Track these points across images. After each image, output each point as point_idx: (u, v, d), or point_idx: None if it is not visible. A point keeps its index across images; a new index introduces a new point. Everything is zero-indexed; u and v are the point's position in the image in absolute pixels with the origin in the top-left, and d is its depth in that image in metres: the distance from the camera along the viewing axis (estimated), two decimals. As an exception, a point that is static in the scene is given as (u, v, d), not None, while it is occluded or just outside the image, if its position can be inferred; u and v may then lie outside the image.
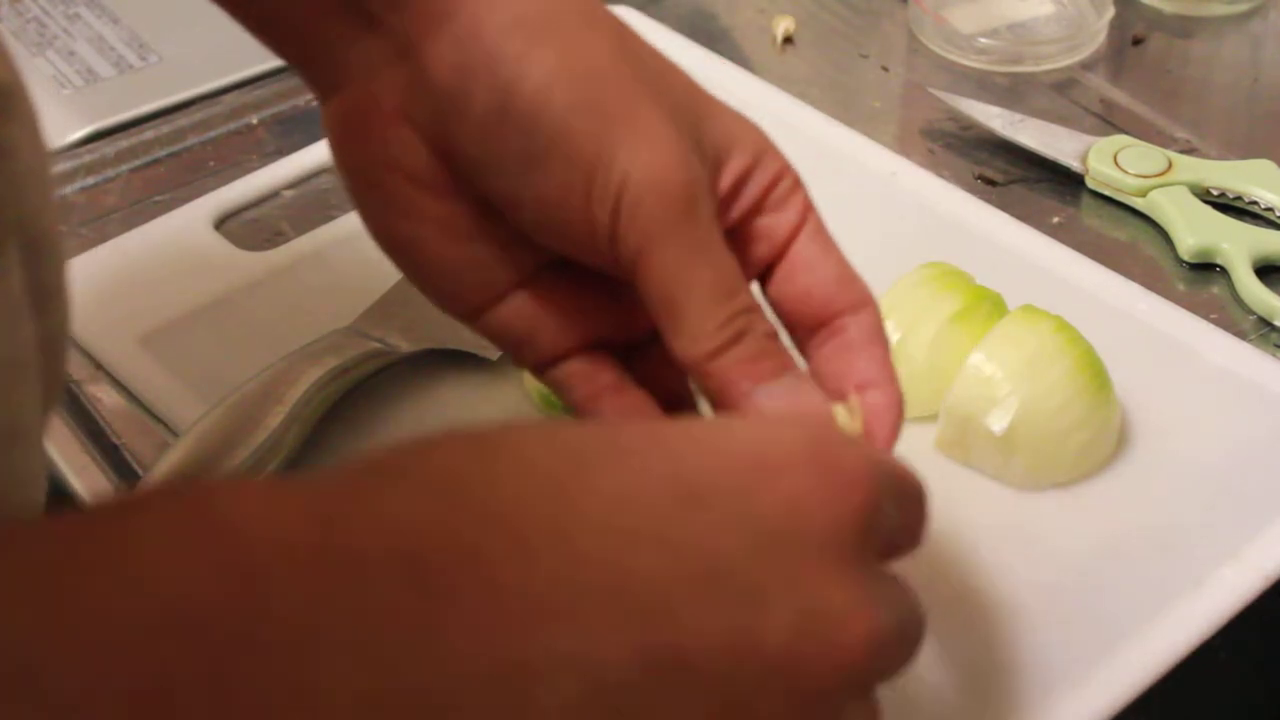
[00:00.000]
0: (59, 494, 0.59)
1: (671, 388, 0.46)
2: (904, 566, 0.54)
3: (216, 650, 0.27)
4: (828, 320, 0.44)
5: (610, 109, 0.41)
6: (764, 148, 0.45)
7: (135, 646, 0.26)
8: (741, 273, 0.43)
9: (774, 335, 0.43)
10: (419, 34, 0.43)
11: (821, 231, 0.45)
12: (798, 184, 0.45)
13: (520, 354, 0.46)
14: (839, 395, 0.44)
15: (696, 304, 0.41)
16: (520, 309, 0.45)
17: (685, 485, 0.34)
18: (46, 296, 0.38)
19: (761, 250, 0.45)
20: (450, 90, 0.42)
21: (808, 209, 0.45)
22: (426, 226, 0.45)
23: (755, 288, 0.45)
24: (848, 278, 0.45)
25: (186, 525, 0.28)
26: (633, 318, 0.45)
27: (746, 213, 0.44)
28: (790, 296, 0.45)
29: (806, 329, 0.45)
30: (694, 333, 0.41)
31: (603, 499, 0.33)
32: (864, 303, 0.45)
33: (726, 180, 0.44)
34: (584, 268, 0.44)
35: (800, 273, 0.45)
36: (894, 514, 0.37)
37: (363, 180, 0.45)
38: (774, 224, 0.45)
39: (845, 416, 0.43)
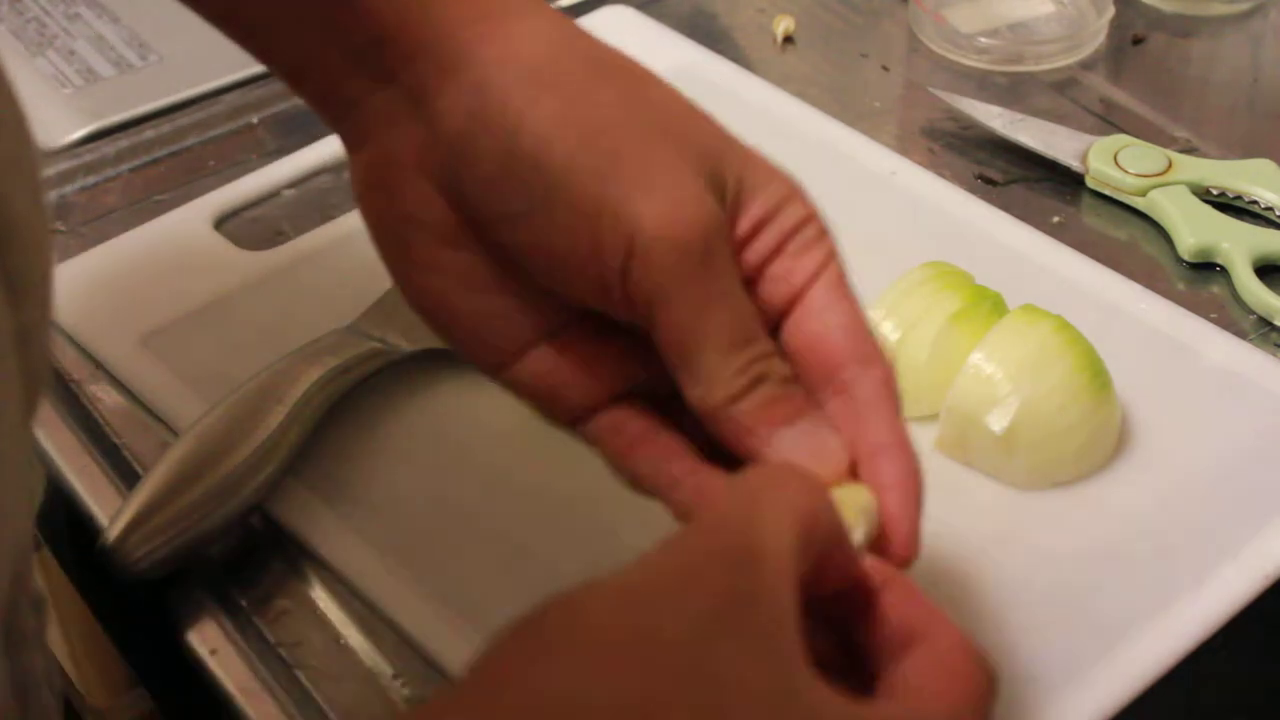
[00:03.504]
0: (59, 493, 0.59)
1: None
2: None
3: None
4: (835, 372, 0.43)
5: (618, 159, 0.41)
6: (789, 194, 0.44)
7: None
8: (758, 318, 0.42)
9: (791, 379, 0.42)
10: (432, 86, 0.43)
11: (840, 282, 0.44)
12: (823, 234, 0.44)
13: (549, 409, 0.46)
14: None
15: (710, 353, 0.41)
16: (545, 363, 0.45)
17: None
18: (23, 289, 0.37)
19: (777, 293, 0.44)
20: (459, 142, 0.42)
21: (829, 258, 0.44)
22: (446, 279, 0.45)
23: None
24: (858, 330, 0.43)
25: None
26: (662, 366, 0.44)
27: (765, 257, 0.44)
28: (799, 343, 0.43)
29: (815, 380, 0.43)
30: (709, 381, 0.41)
31: None
32: (872, 358, 0.43)
33: (745, 224, 0.43)
34: (609, 320, 0.44)
35: (810, 319, 0.43)
36: None
37: (385, 233, 0.46)
38: (791, 269, 0.44)
39: (850, 507, 0.41)
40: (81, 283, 0.66)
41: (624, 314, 0.42)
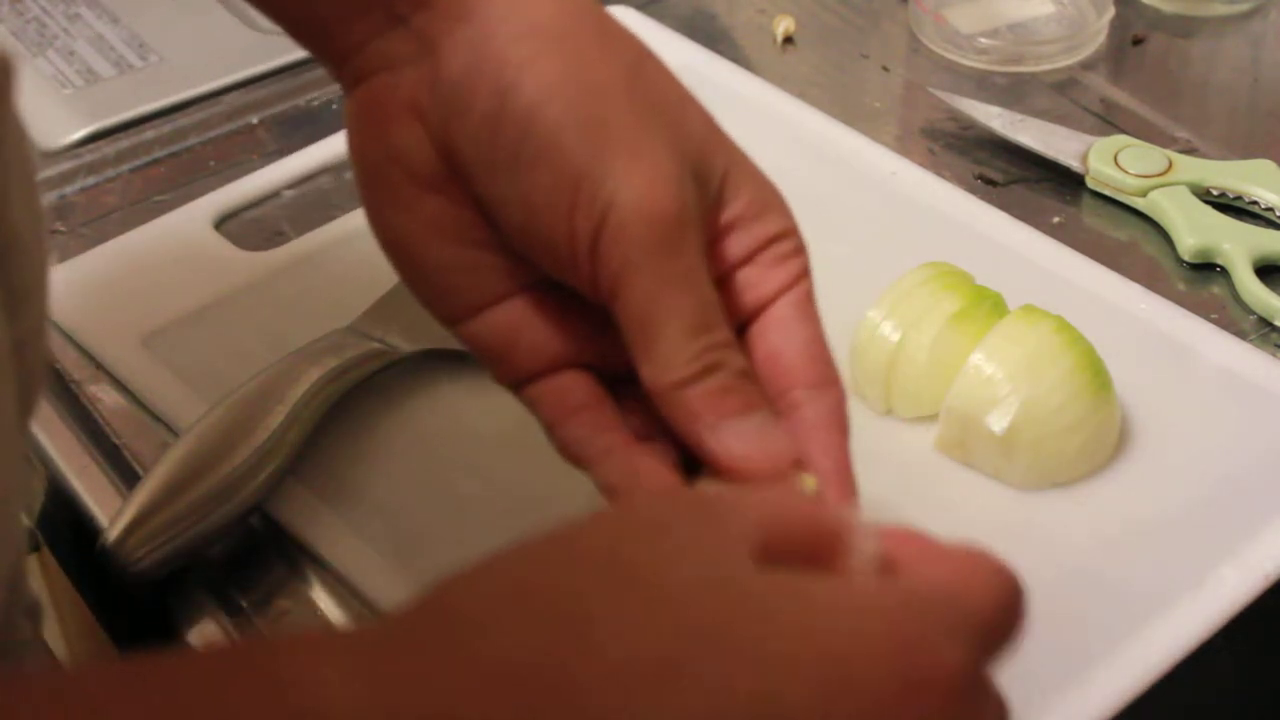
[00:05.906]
0: (59, 493, 0.59)
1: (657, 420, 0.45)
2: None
3: None
4: (787, 390, 0.43)
5: (607, 128, 0.41)
6: (772, 202, 0.45)
7: None
8: (721, 309, 0.42)
9: (747, 374, 0.42)
10: (438, 32, 0.43)
11: (807, 301, 0.44)
12: (799, 250, 0.45)
13: (496, 367, 0.46)
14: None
15: (669, 333, 0.41)
16: (501, 321, 0.45)
17: (767, 704, 0.31)
18: (20, 299, 0.38)
19: (744, 301, 0.44)
20: (456, 88, 0.43)
21: (801, 275, 0.44)
22: (420, 222, 0.45)
23: None
24: (817, 352, 0.44)
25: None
26: (616, 349, 0.45)
27: (738, 259, 0.44)
28: (757, 355, 0.44)
29: (768, 395, 0.43)
30: (664, 362, 0.41)
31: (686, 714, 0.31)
32: (827, 382, 0.43)
33: (724, 219, 0.44)
34: (572, 294, 0.44)
35: (772, 332, 0.44)
36: (977, 707, 0.35)
37: (369, 170, 0.46)
38: (762, 278, 0.44)
39: (811, 484, 0.41)
40: (81, 283, 0.66)
41: (587, 285, 0.42)
